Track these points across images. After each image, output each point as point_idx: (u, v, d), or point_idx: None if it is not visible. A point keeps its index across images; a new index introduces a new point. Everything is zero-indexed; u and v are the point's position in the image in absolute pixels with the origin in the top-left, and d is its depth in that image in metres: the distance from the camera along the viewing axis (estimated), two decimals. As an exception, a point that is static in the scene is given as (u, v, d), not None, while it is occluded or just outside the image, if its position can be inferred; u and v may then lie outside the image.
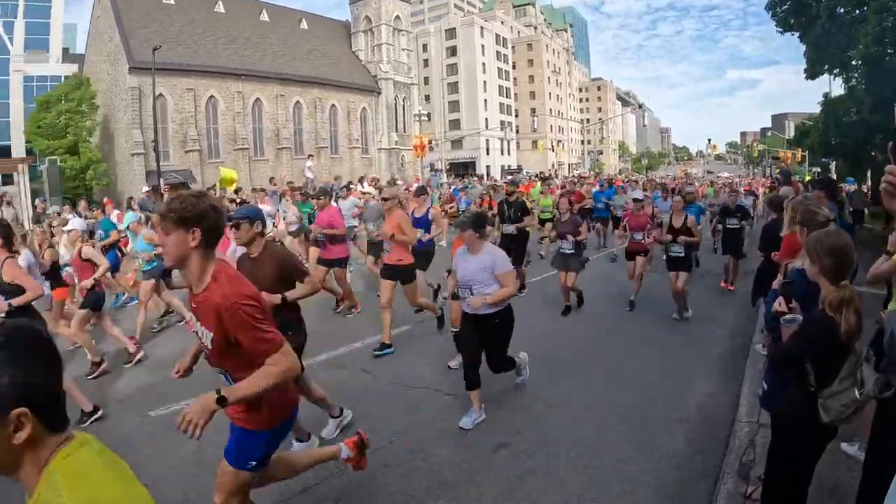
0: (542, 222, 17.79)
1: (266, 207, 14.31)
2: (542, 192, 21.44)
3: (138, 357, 8.67)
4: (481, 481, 5.04)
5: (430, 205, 12.92)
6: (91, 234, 11.87)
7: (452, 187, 30.95)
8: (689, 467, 5.17)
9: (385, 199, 9.34)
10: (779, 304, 3.69)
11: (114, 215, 15.87)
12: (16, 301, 6.03)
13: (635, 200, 11.86)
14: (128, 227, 12.12)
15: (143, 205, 17.84)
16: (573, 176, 34.43)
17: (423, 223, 10.65)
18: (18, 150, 47.00)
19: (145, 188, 26.47)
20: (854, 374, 3.25)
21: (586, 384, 7.22)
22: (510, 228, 12.09)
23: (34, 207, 22.78)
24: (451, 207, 21.38)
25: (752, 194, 20.02)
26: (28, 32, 52.52)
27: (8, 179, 40.74)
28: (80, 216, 16.37)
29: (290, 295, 5.20)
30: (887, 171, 2.44)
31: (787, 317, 3.57)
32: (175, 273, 8.01)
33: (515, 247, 11.90)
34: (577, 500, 4.72)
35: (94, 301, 8.49)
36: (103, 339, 9.25)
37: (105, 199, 17.12)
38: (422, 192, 12.05)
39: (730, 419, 5.99)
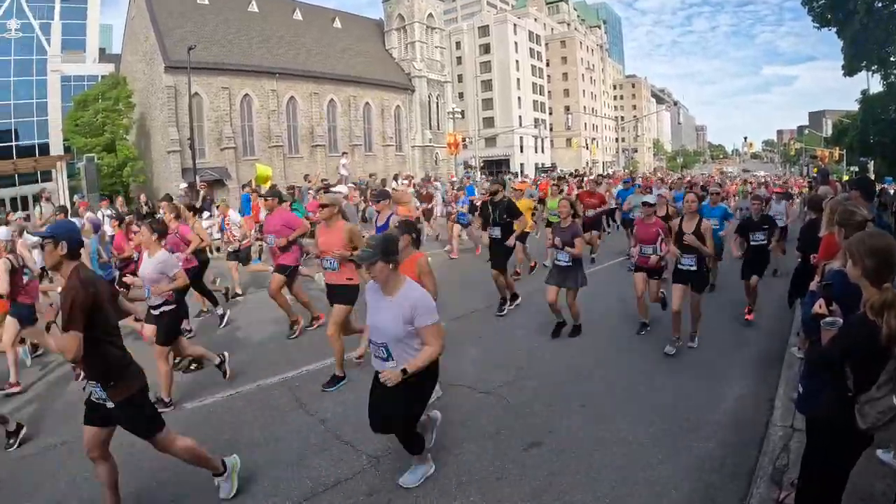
0: (550, 225, 15.70)
1: (235, 216, 13.98)
2: (550, 193, 18.24)
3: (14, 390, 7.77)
4: (512, 479, 5.03)
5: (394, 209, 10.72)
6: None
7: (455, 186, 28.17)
8: (721, 470, 5.11)
9: (323, 206, 8.05)
10: (819, 307, 3.62)
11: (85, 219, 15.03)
12: None
13: (645, 204, 9.51)
14: None
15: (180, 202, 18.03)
16: (597, 175, 33.12)
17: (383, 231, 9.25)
18: (56, 147, 47.83)
19: (182, 185, 26.86)
20: (893, 381, 3.16)
21: (618, 384, 7.16)
22: (496, 232, 10.83)
23: (72, 204, 23.13)
24: (452, 215, 19.06)
25: (787, 196, 17.65)
26: (65, 33, 53.22)
27: (46, 176, 41.55)
28: (118, 211, 16.58)
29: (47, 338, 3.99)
30: None
31: (828, 319, 3.49)
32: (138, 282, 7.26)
33: (501, 253, 10.80)
34: (607, 501, 4.69)
35: (19, 314, 7.92)
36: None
37: (79, 202, 16.38)
38: (383, 196, 10.35)
39: (763, 423, 5.89)
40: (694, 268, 8.15)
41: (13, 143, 48.24)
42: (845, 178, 36.62)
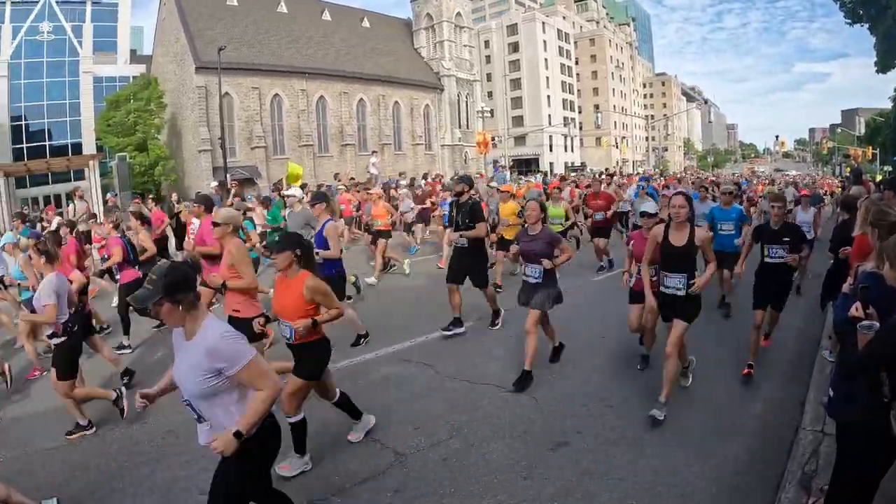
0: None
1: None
2: (552, 197, 14.68)
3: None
4: (538, 479, 5.01)
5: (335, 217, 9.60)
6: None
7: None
8: (749, 474, 5.05)
9: (215, 225, 6.79)
10: (855, 310, 3.56)
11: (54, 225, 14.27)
12: None
13: (644, 215, 7.66)
14: (3, 249, 10.78)
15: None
16: (603, 174, 31.16)
17: (318, 242, 8.29)
18: (89, 147, 48.73)
19: (213, 184, 27.08)
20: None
21: (648, 386, 7.04)
22: (461, 240, 9.17)
23: (105, 202, 23.45)
24: (434, 209, 18.21)
25: (817, 200, 15.49)
26: (96, 35, 54.25)
27: (79, 175, 42.16)
28: (148, 210, 16.74)
29: None
30: None
31: (864, 323, 3.41)
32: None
33: (472, 264, 9.25)
34: (633, 503, 4.66)
35: None
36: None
37: (46, 207, 16.08)
38: (318, 199, 9.17)
39: (793, 427, 5.79)
40: (682, 292, 6.18)
41: (46, 143, 49.25)
42: (879, 177, 36.14)
